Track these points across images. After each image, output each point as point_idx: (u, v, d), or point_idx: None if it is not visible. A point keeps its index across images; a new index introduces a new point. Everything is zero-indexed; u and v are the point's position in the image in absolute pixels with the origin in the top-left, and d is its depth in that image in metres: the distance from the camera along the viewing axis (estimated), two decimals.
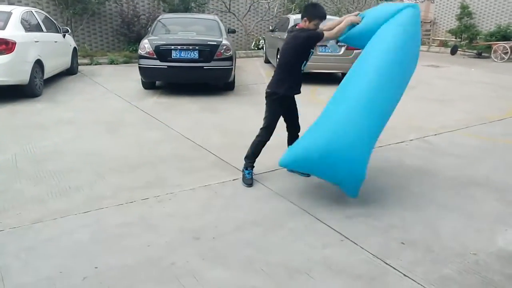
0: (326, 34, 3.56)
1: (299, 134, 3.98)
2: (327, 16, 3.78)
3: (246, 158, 3.83)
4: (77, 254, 2.68)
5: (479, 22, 16.33)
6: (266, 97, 3.76)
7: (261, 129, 3.79)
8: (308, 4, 3.79)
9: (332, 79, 9.32)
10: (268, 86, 3.73)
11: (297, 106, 3.91)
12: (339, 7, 16.57)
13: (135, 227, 3.02)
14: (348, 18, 3.61)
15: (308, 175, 3.96)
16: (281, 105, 3.74)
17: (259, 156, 3.83)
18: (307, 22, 3.55)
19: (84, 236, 2.88)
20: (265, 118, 3.78)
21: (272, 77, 3.75)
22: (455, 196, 3.64)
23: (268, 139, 3.79)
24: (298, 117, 3.95)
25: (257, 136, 3.81)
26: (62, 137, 5.04)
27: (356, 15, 3.64)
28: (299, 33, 3.58)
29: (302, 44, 3.55)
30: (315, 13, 3.55)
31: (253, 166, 3.84)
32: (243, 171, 3.82)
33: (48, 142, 4.83)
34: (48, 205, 3.32)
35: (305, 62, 3.64)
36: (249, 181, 3.76)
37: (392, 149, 4.86)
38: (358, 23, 3.56)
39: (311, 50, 3.61)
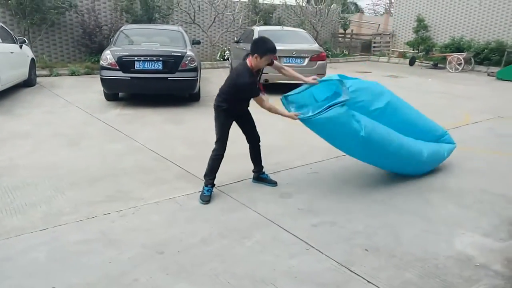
0: (259, 100, 3.52)
1: (260, 144, 3.94)
2: (290, 28, 3.83)
3: (205, 176, 3.72)
4: (34, 273, 2.55)
5: (434, 34, 17.14)
6: (214, 109, 3.70)
7: (215, 142, 3.73)
8: (258, 39, 3.61)
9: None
10: (215, 99, 3.69)
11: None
12: (303, 19, 16.94)
13: (96, 243, 2.92)
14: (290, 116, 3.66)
15: (276, 184, 3.98)
16: (227, 117, 3.67)
17: (225, 167, 3.80)
18: (258, 58, 3.42)
19: (41, 254, 2.75)
20: (215, 130, 3.71)
21: (219, 89, 3.69)
22: (415, 202, 3.76)
23: (223, 152, 3.70)
24: (255, 127, 3.88)
25: (212, 150, 3.72)
26: (19, 151, 4.83)
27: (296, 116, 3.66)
28: (239, 68, 3.53)
29: (234, 88, 3.53)
30: (267, 49, 3.43)
31: (214, 184, 3.73)
32: (203, 188, 3.71)
33: (2, 157, 4.61)
34: (3, 223, 3.15)
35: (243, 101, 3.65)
36: (206, 198, 3.63)
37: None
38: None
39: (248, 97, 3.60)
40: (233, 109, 3.66)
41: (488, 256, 2.90)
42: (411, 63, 15.56)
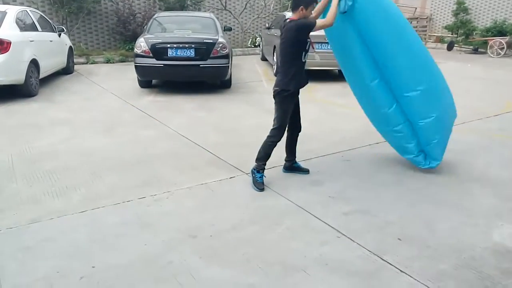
0: (319, 22, 3.47)
1: (298, 134, 3.90)
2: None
3: (258, 160, 3.68)
4: (74, 253, 2.68)
5: (475, 17, 16.34)
6: (275, 96, 3.62)
7: (273, 129, 3.66)
8: None
9: (329, 76, 9.32)
10: (276, 85, 3.60)
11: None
12: None
13: (132, 226, 3.02)
14: None
15: (308, 172, 3.96)
16: (292, 101, 3.63)
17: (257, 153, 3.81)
18: (304, 10, 3.45)
19: (80, 235, 2.88)
20: (276, 117, 3.64)
21: (278, 74, 3.65)
22: (452, 192, 3.65)
23: (281, 139, 3.69)
24: (300, 117, 3.85)
25: (270, 137, 3.67)
26: (58, 137, 5.03)
27: None
28: (290, 24, 3.50)
29: (296, 35, 3.46)
30: None
31: (264, 169, 3.73)
32: (253, 174, 3.68)
33: (43, 142, 4.82)
34: (45, 205, 3.31)
35: (304, 53, 3.55)
36: (261, 186, 3.62)
37: (389, 145, 4.85)
38: None
39: (308, 40, 3.52)
40: (297, 87, 3.59)
41: None
42: (450, 47, 14.92)
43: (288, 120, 3.67)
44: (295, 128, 3.87)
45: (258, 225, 3.05)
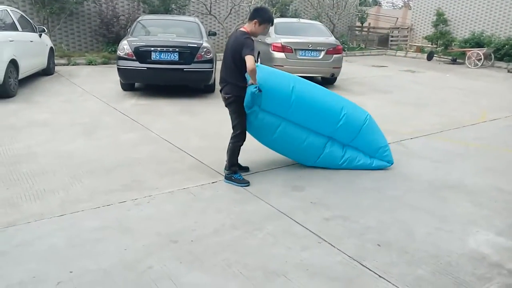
0: (252, 59, 3.39)
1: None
2: (307, 21, 3.84)
3: (233, 166, 3.82)
4: (51, 258, 2.62)
5: (454, 29, 16.80)
6: (231, 102, 3.69)
7: (236, 135, 3.78)
8: (258, 7, 3.77)
9: None
10: (228, 92, 3.66)
11: None
12: (319, 11, 16.78)
13: (112, 230, 2.98)
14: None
15: (248, 169, 4.10)
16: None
17: (238, 159, 3.87)
18: (257, 25, 3.54)
19: (58, 240, 2.83)
20: (236, 124, 3.76)
21: (227, 82, 3.66)
22: (429, 199, 3.73)
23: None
24: None
25: (235, 142, 3.79)
26: (37, 139, 4.93)
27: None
28: (240, 37, 3.52)
29: (240, 49, 3.46)
30: (267, 17, 3.57)
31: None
32: (231, 177, 3.80)
33: (21, 144, 4.72)
34: (22, 209, 3.24)
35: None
36: (245, 180, 3.79)
37: None
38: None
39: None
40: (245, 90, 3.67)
41: (502, 254, 2.87)
42: (429, 58, 15.29)
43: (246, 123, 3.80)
44: None
45: (239, 230, 3.05)
